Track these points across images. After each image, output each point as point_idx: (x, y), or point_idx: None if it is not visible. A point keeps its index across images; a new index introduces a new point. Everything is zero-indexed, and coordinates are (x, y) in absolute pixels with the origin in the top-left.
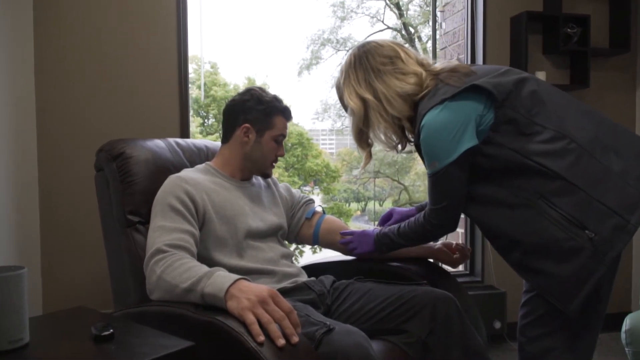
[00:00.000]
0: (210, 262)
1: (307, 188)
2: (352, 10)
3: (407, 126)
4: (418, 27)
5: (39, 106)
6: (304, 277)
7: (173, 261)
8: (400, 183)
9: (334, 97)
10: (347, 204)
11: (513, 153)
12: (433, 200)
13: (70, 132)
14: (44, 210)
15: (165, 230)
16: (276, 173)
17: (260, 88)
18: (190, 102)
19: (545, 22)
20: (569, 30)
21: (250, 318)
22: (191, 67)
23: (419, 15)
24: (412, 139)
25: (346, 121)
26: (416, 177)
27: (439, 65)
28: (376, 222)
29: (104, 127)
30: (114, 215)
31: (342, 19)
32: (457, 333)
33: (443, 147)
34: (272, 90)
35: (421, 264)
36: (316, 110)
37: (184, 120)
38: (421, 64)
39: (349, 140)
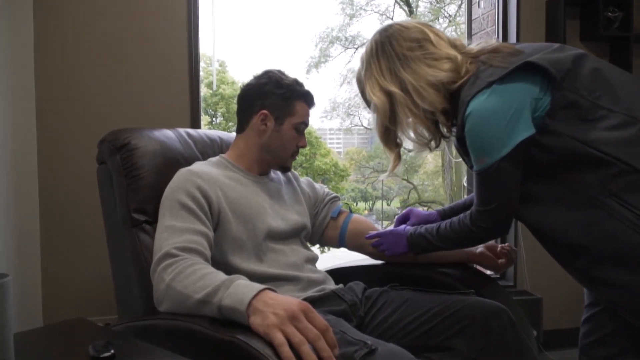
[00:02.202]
0: (226, 267)
1: None
2: (361, 8)
3: (442, 120)
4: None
5: (39, 98)
6: (331, 284)
7: (184, 267)
8: (409, 182)
9: (342, 95)
10: (355, 203)
11: (574, 142)
12: (482, 201)
13: (73, 125)
14: (44, 209)
15: (175, 231)
16: None
17: (279, 70)
18: None
19: (583, 6)
20: (609, 14)
21: (278, 338)
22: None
23: (429, 12)
24: (447, 134)
25: (355, 120)
26: (425, 177)
27: (476, 46)
28: (385, 222)
29: (109, 120)
30: (117, 214)
31: (351, 17)
32: (512, 350)
33: (493, 139)
34: None
35: (460, 269)
36: (324, 109)
37: (195, 112)
38: (454, 45)
39: (356, 139)
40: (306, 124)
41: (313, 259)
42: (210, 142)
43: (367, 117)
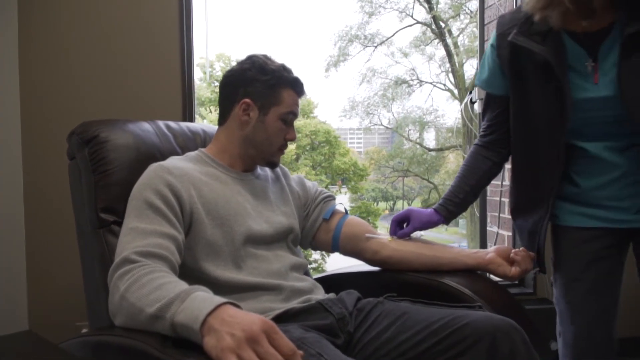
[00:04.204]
0: (200, 275)
1: (335, 187)
2: (380, 5)
3: None
4: (449, 21)
5: (24, 93)
6: (319, 294)
7: (141, 275)
8: (430, 182)
9: (361, 94)
10: (375, 203)
11: None
12: None
13: (60, 120)
14: (29, 207)
15: (139, 233)
16: (303, 172)
17: (264, 55)
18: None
19: None
20: None
21: None
22: (219, 66)
23: (449, 9)
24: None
25: (374, 119)
26: (446, 176)
27: None
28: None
29: (98, 114)
30: (85, 213)
31: (370, 15)
32: None
33: None
34: None
35: (467, 277)
36: (344, 108)
37: (188, 106)
38: None
39: (377, 138)
40: (295, 115)
41: (300, 266)
42: (193, 135)
43: (386, 116)
